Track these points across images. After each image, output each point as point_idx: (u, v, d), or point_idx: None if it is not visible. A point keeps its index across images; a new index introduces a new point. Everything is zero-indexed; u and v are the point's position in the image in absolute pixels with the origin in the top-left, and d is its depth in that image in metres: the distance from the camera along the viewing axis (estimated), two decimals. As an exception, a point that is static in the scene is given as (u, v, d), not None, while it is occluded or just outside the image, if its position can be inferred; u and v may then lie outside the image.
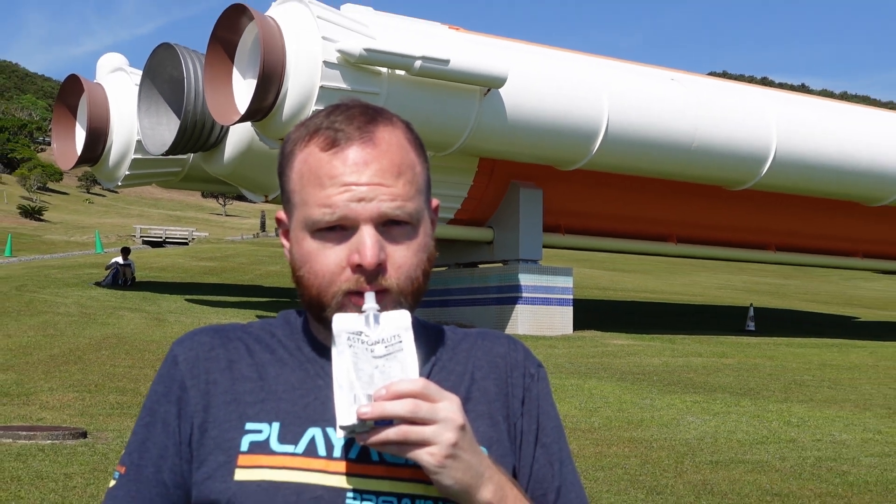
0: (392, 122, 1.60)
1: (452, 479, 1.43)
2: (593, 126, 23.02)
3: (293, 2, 20.78)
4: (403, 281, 1.55)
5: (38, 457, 9.60)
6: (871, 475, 11.01)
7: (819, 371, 20.03)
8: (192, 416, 1.59)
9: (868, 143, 26.86)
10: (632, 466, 10.74)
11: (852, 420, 14.61)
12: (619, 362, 19.24)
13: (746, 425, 13.65)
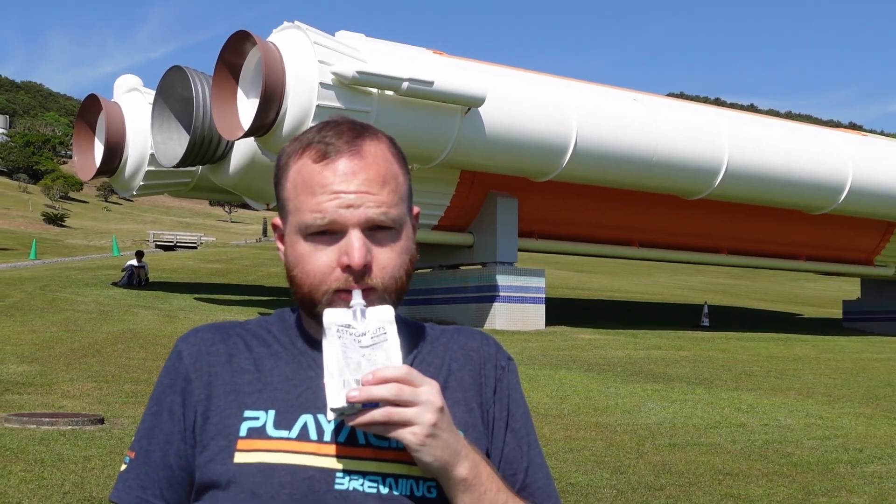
0: (377, 136, 1.62)
1: (432, 456, 1.45)
2: (563, 141, 23.07)
3: (292, 29, 20.82)
4: (388, 280, 1.57)
5: (59, 441, 9.58)
6: (812, 456, 11.05)
7: (766, 362, 20.09)
8: (195, 405, 1.59)
9: (810, 157, 26.97)
10: (598, 449, 10.76)
11: (796, 406, 14.66)
12: (586, 355, 19.27)
13: (701, 411, 13.68)
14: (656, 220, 27.22)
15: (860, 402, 15.62)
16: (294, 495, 1.50)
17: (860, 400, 15.93)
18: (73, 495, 7.71)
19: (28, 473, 8.31)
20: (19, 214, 79.98)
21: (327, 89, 20.04)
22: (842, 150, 27.85)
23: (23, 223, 74.20)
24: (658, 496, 8.80)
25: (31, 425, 10.21)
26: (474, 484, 1.50)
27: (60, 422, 10.34)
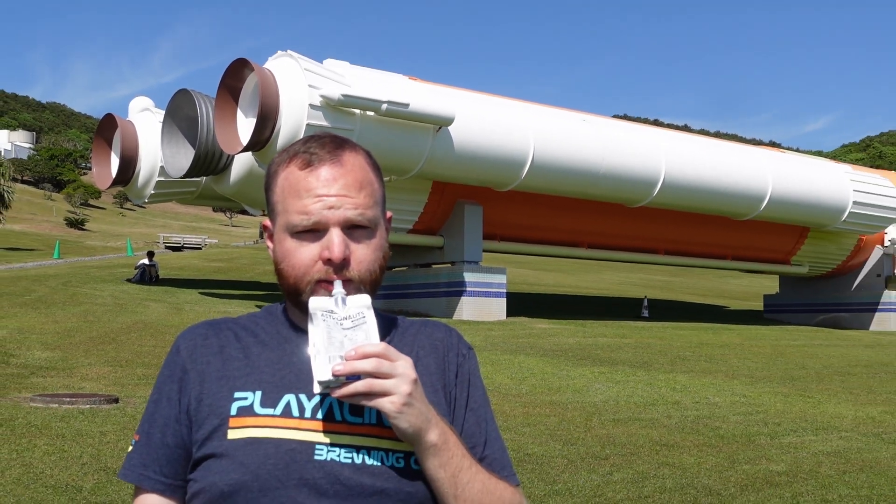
0: (356, 149, 1.65)
1: (407, 422, 1.46)
2: (522, 156, 23.12)
3: (285, 57, 20.79)
4: (364, 272, 1.59)
5: (78, 418, 9.54)
6: (737, 429, 11.15)
7: (697, 348, 20.23)
8: (190, 391, 1.61)
9: (735, 170, 27.15)
10: (551, 423, 10.80)
11: (723, 386, 14.77)
12: (542, 342, 19.33)
13: (641, 391, 13.76)
14: (603, 225, 27.31)
15: (778, 383, 15.77)
16: (278, 465, 1.51)
17: (778, 381, 16.08)
18: (90, 466, 7.68)
19: (51, 447, 8.29)
20: (44, 219, 79.42)
21: (316, 110, 20.03)
22: (763, 165, 28.05)
23: (47, 227, 73.69)
24: (603, 465, 8.84)
25: (53, 404, 10.17)
26: (443, 448, 1.51)
27: (80, 401, 10.31)
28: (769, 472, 8.85)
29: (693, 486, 8.11)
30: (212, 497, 1.53)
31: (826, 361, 19.48)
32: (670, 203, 26.49)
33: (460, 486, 1.52)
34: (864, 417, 12.62)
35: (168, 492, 1.60)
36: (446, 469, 1.51)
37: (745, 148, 30.27)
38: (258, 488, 1.50)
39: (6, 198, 54.29)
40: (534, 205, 25.69)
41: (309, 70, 20.27)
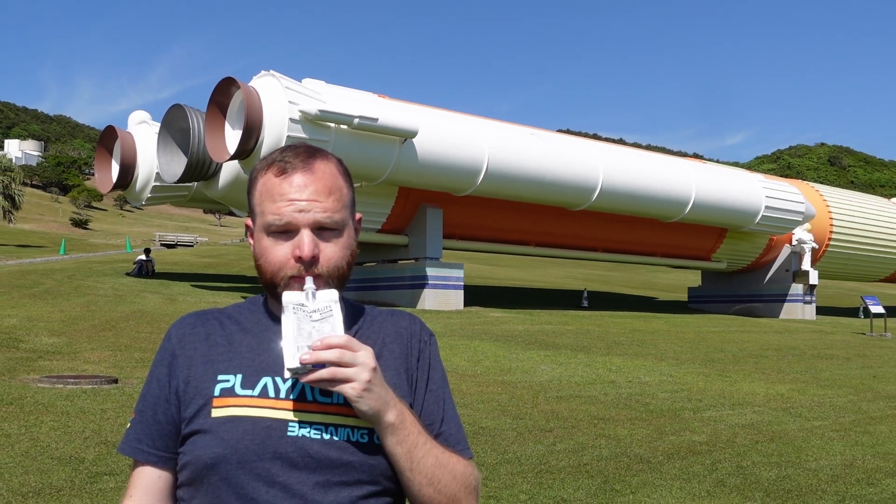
0: (327, 157, 1.65)
1: (367, 405, 1.47)
2: (478, 165, 23.16)
3: (268, 76, 20.69)
4: (332, 269, 1.59)
5: (81, 397, 9.41)
6: (664, 405, 11.24)
7: (630, 334, 20.38)
8: (179, 374, 1.62)
9: (664, 179, 27.38)
10: (503, 400, 10.82)
11: (653, 367, 14.89)
12: (494, 329, 19.38)
13: (581, 371, 13.83)
14: (548, 226, 27.42)
15: (700, 364, 15.92)
16: (255, 440, 1.51)
17: (700, 362, 16.23)
18: (91, 439, 7.58)
19: (56, 422, 8.17)
20: (51, 219, 78.23)
21: (295, 123, 19.94)
22: (687, 174, 28.31)
23: (54, 226, 72.61)
24: (548, 436, 8.87)
25: (58, 385, 10.03)
26: (400, 427, 1.51)
27: (83, 382, 10.17)
28: (692, 442, 8.94)
29: (626, 455, 8.17)
30: (197, 468, 1.53)
31: (741, 346, 19.71)
32: (607, 207, 26.66)
33: (415, 460, 1.52)
34: (775, 394, 12.80)
35: (160, 463, 1.61)
36: (403, 445, 1.51)
37: (673, 159, 30.53)
38: (237, 461, 1.50)
39: (17, 200, 53.41)
40: (488, 208, 25.74)
41: (289, 88, 20.18)
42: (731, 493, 6.98)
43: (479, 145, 23.25)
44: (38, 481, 6.27)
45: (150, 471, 1.61)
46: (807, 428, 10.14)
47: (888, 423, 10.70)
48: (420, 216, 24.74)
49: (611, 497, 6.67)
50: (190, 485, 1.55)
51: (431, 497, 1.54)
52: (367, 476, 1.52)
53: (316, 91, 20.90)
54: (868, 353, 19.75)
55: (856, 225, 36.34)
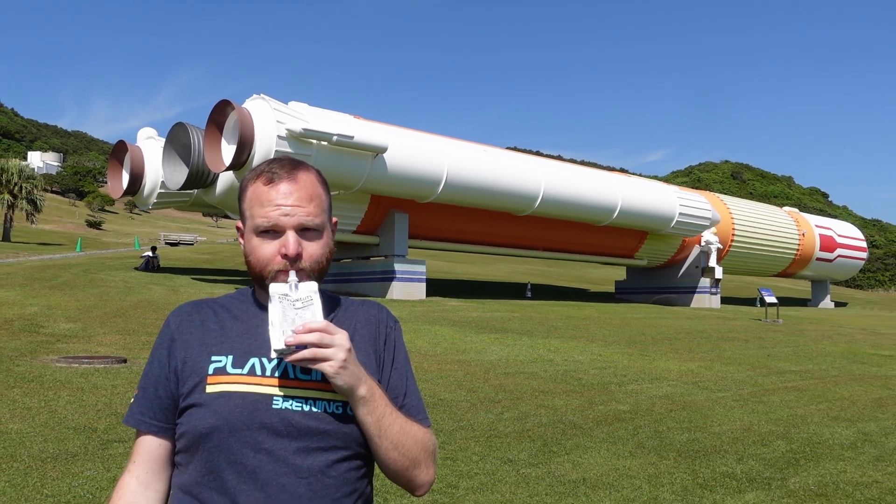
0: (308, 168, 1.64)
1: (343, 380, 1.47)
2: (438, 177, 23.15)
3: (259, 99, 20.50)
4: (313, 264, 1.59)
5: (94, 375, 9.23)
6: (595, 379, 11.32)
7: (567, 320, 20.51)
8: (176, 355, 1.60)
9: (595, 189, 27.62)
10: (458, 376, 10.82)
11: (585, 348, 14.99)
12: (452, 315, 19.39)
13: (525, 351, 13.87)
14: (498, 228, 27.51)
15: (625, 345, 16.06)
16: (244, 412, 1.50)
17: (625, 343, 16.38)
18: (103, 412, 7.44)
19: (72, 397, 8.01)
20: (69, 221, 76.66)
21: (282, 140, 19.77)
22: (615, 186, 28.57)
23: (71, 227, 71.15)
24: (497, 406, 8.89)
25: (74, 364, 9.83)
26: (370, 400, 1.51)
27: (96, 362, 9.98)
28: (617, 411, 9.01)
29: (562, 422, 8.22)
30: (193, 437, 1.52)
31: (659, 330, 19.91)
32: (547, 213, 26.81)
33: (383, 428, 1.53)
34: (686, 370, 12.94)
35: (161, 433, 1.59)
36: (372, 415, 1.51)
37: (602, 173, 30.79)
38: (228, 430, 1.48)
39: (38, 204, 52.24)
40: (447, 213, 25.75)
41: (277, 109, 20.01)
42: (649, 453, 7.05)
43: (439, 160, 23.24)
44: (56, 448, 6.15)
45: (152, 439, 1.59)
46: (712, 398, 10.28)
47: (779, 395, 10.89)
48: (389, 219, 24.67)
49: (549, 457, 6.70)
50: (187, 451, 1.54)
51: (396, 459, 1.55)
52: (342, 442, 1.52)
53: (300, 112, 20.74)
54: (763, 336, 20.09)
55: (754, 229, 36.97)
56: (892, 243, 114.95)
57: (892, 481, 6.42)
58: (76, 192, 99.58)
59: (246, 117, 19.55)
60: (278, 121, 19.71)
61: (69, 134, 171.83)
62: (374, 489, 5.32)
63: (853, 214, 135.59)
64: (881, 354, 17.39)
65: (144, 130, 26.57)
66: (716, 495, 5.80)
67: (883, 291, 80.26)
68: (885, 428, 8.78)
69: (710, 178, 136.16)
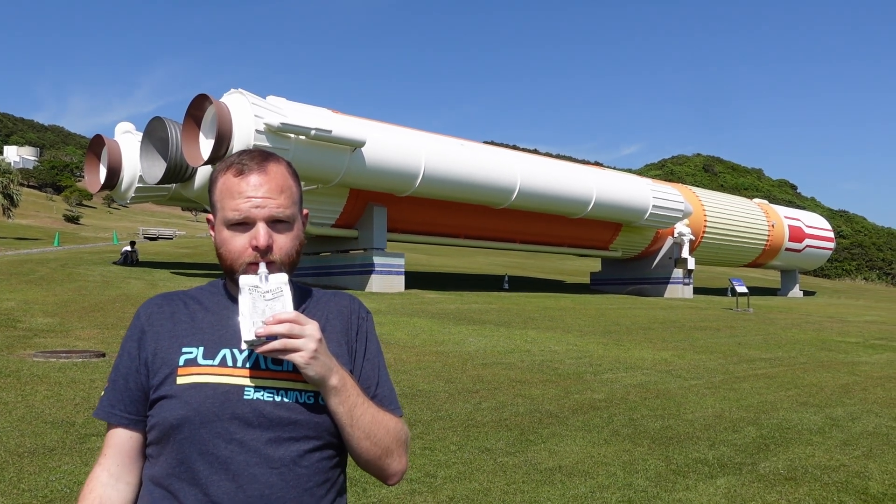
0: (278, 160, 1.62)
1: (314, 371, 1.45)
2: (416, 170, 23.09)
3: (237, 94, 20.31)
4: (283, 256, 1.56)
5: (73, 369, 9.11)
6: (570, 369, 11.36)
7: (543, 311, 20.56)
8: (147, 347, 1.57)
9: (570, 183, 27.72)
10: (437, 367, 10.81)
11: (561, 339, 15.04)
12: (431, 307, 19.38)
13: (503, 342, 13.88)
14: (476, 221, 27.52)
15: (600, 335, 16.13)
16: (215, 403, 1.48)
17: (600, 333, 16.45)
18: (81, 406, 7.35)
19: (50, 391, 7.90)
20: (46, 216, 75.58)
21: (260, 134, 19.60)
22: (590, 179, 28.69)
23: (49, 221, 70.18)
24: (475, 396, 8.90)
25: (52, 359, 9.69)
26: (342, 390, 1.49)
27: (74, 356, 9.84)
28: (593, 400, 9.06)
29: (539, 411, 8.24)
30: (164, 428, 1.49)
31: (633, 320, 20.03)
32: (524, 206, 26.86)
33: (355, 417, 1.51)
34: (659, 359, 13.03)
35: (132, 425, 1.56)
36: (344, 405, 1.50)
37: (578, 166, 30.90)
38: (199, 421, 1.46)
39: (15, 199, 51.50)
40: (425, 206, 25.70)
41: (255, 104, 19.83)
42: (624, 440, 7.10)
43: (417, 154, 23.18)
44: (33, 443, 6.06)
45: (122, 432, 1.56)
46: (685, 386, 10.36)
47: (749, 382, 11.01)
48: (368, 213, 24.58)
49: (526, 446, 6.72)
50: (158, 443, 1.51)
51: (369, 449, 1.53)
52: (313, 432, 1.50)
53: (278, 107, 20.57)
54: (734, 325, 20.29)
55: (725, 221, 37.31)
56: (858, 234, 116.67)
57: (858, 464, 6.51)
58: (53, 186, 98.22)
59: (224, 112, 19.37)
60: (256, 115, 19.54)
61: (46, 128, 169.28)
62: (353, 479, 5.31)
63: (821, 206, 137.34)
64: (848, 342, 17.64)
65: (122, 125, 26.25)
66: (688, 481, 5.85)
67: (850, 280, 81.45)
68: (852, 413, 8.91)
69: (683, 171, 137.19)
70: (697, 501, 5.36)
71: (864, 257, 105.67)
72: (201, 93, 19.88)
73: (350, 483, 5.28)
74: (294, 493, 1.46)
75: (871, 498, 5.59)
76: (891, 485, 5.94)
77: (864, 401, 9.78)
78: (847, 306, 34.46)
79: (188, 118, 20.14)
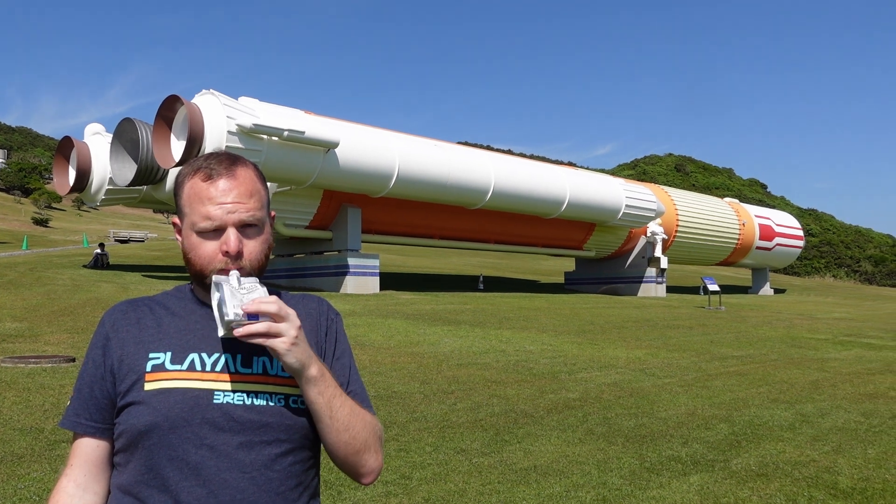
0: (246, 164, 1.61)
1: (295, 358, 1.44)
2: (390, 171, 23.03)
3: (209, 95, 20.08)
4: (254, 261, 1.56)
5: (41, 375, 8.95)
6: (545, 369, 11.40)
7: (518, 311, 20.60)
8: (112, 354, 1.55)
9: (544, 183, 27.81)
10: (412, 368, 10.79)
11: (536, 338, 15.08)
12: (406, 308, 19.33)
13: (478, 343, 13.89)
14: (450, 222, 27.52)
15: (574, 335, 16.20)
16: (184, 408, 1.46)
17: (574, 333, 16.52)
18: (51, 412, 7.23)
19: (18, 397, 7.75)
20: (14, 219, 74.27)
21: (232, 135, 19.42)
22: (563, 179, 28.81)
23: (17, 224, 68.98)
24: (450, 397, 8.89)
25: (21, 364, 9.51)
26: (321, 380, 1.49)
27: (43, 361, 9.67)
28: (567, 399, 9.10)
29: (514, 411, 8.26)
30: (132, 435, 1.47)
31: (608, 319, 20.14)
32: (498, 206, 26.91)
33: (334, 409, 1.50)
34: (633, 358, 13.11)
35: (98, 433, 1.54)
36: (323, 396, 1.49)
37: (551, 166, 31.01)
38: (168, 427, 1.44)
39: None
40: (399, 207, 25.65)
41: (227, 105, 19.64)
42: (598, 439, 7.14)
43: (391, 155, 23.13)
44: (1, 450, 5.95)
45: (88, 441, 1.55)
46: (658, 385, 10.45)
47: (722, 380, 11.13)
48: (342, 214, 24.48)
49: (501, 446, 6.73)
50: (126, 450, 1.49)
51: (347, 442, 1.52)
52: (285, 435, 1.49)
53: (250, 107, 20.41)
54: (707, 323, 20.50)
55: (697, 220, 37.70)
56: (827, 232, 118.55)
57: (828, 460, 6.62)
58: (21, 189, 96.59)
59: (195, 113, 19.17)
60: (228, 116, 19.37)
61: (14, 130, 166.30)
62: (328, 482, 5.28)
63: (790, 204, 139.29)
64: (817, 338, 17.91)
65: (91, 126, 25.85)
66: (662, 478, 5.90)
67: (819, 278, 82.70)
68: (822, 409, 9.05)
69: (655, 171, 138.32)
70: (671, 499, 5.41)
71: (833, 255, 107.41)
72: (172, 94, 19.68)
73: (324, 486, 5.26)
74: (266, 498, 1.45)
75: (840, 493, 5.68)
76: (860, 479, 6.04)
77: (833, 397, 9.94)
78: (816, 303, 34.99)
79: (159, 119, 19.92)
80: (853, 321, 23.79)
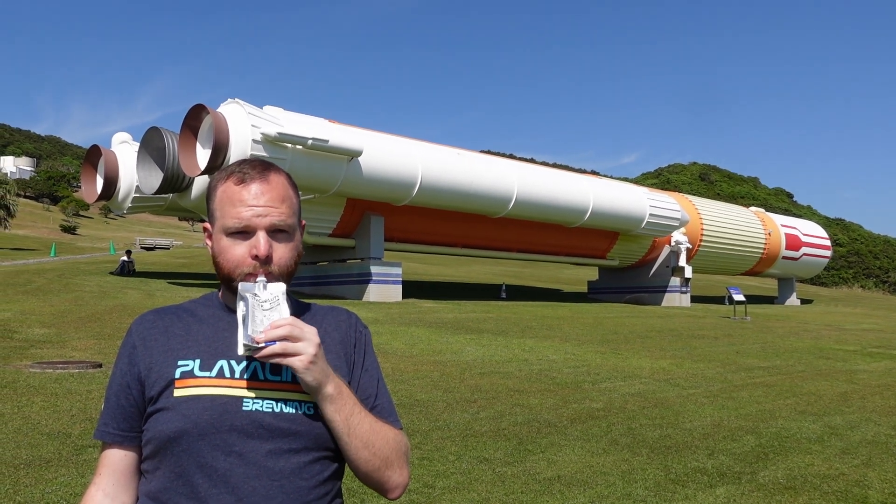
0: (279, 171, 1.62)
1: (312, 376, 1.44)
2: (413, 180, 23.10)
3: (234, 104, 20.34)
4: (283, 267, 1.55)
5: (69, 380, 9.07)
6: (568, 378, 11.34)
7: (541, 320, 20.53)
8: (139, 363, 1.55)
9: (567, 191, 27.72)
10: (435, 377, 10.78)
11: (559, 347, 15.02)
12: (428, 317, 19.34)
13: (500, 352, 13.86)
14: (472, 230, 27.50)
15: (598, 344, 16.11)
16: (213, 415, 1.46)
17: (598, 342, 16.43)
18: (77, 417, 7.31)
19: (46, 402, 7.86)
20: (43, 226, 75.48)
21: (257, 144, 19.61)
22: (587, 188, 28.71)
23: (46, 232, 70.09)
24: (473, 406, 8.87)
25: (49, 370, 9.65)
26: (338, 398, 1.48)
27: (70, 367, 9.80)
28: (591, 409, 9.04)
29: (537, 420, 8.22)
30: (160, 441, 1.48)
31: (631, 328, 20.02)
32: (520, 215, 26.86)
33: (352, 426, 1.50)
34: (658, 368, 13.01)
35: (126, 442, 1.55)
36: (340, 413, 1.49)
37: (575, 175, 30.93)
38: (197, 433, 1.44)
39: (11, 209, 51.46)
40: (422, 215, 25.70)
41: (252, 114, 19.85)
42: (622, 450, 7.07)
43: (414, 163, 23.20)
44: (29, 454, 6.02)
45: (116, 451, 1.56)
46: (683, 395, 10.35)
47: (748, 391, 11.00)
48: (365, 222, 24.57)
49: (524, 456, 6.69)
50: (154, 457, 1.50)
51: (368, 459, 1.52)
52: (313, 443, 1.49)
53: (275, 116, 20.59)
54: (732, 334, 20.29)
55: (721, 229, 37.37)
56: (854, 241, 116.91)
57: (857, 473, 6.50)
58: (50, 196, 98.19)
59: (221, 121, 19.39)
60: (253, 125, 19.56)
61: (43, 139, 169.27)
62: (351, 489, 5.28)
63: (817, 214, 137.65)
64: (846, 350, 17.65)
65: (119, 135, 26.22)
66: (687, 490, 5.83)
67: (847, 288, 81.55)
68: (851, 421, 8.90)
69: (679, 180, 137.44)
70: (697, 511, 5.34)
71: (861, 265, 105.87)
72: (198, 103, 19.92)
73: (347, 494, 5.26)
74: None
75: (870, 507, 5.57)
76: (890, 493, 5.92)
77: (863, 409, 9.77)
78: (844, 314, 34.47)
79: (185, 128, 20.16)
80: (882, 332, 23.41)
